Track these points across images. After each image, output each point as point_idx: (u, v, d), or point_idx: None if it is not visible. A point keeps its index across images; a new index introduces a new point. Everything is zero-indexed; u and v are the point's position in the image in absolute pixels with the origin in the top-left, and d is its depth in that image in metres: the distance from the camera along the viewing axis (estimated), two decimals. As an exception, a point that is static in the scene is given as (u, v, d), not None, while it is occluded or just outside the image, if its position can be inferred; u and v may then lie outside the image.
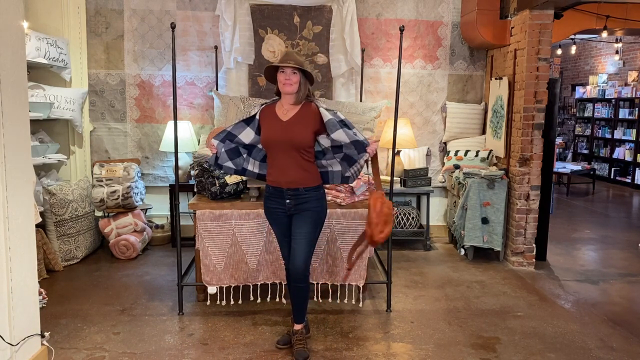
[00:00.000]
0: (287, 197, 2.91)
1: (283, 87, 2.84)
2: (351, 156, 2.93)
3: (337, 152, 2.94)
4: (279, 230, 3.04)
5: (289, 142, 2.84)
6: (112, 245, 4.80)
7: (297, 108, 2.89)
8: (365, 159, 2.93)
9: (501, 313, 3.70)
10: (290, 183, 2.89)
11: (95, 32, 5.14)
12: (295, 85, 2.83)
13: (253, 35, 5.16)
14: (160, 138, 5.24)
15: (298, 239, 2.93)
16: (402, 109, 5.39)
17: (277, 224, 3.03)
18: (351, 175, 2.99)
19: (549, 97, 4.67)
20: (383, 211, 2.88)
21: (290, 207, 2.92)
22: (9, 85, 2.46)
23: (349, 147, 2.88)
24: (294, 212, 2.94)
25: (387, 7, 5.36)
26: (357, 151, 2.91)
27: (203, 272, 3.62)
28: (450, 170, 5.37)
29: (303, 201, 2.91)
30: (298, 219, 2.94)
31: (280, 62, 2.82)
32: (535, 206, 4.73)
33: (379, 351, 3.10)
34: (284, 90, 2.84)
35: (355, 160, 2.93)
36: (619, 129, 10.46)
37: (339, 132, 2.85)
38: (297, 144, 2.85)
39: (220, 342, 3.17)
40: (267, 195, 3.00)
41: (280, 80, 2.84)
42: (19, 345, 2.60)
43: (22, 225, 2.61)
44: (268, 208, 3.03)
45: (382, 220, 2.88)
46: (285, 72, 2.81)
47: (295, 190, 2.90)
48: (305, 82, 2.87)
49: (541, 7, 4.46)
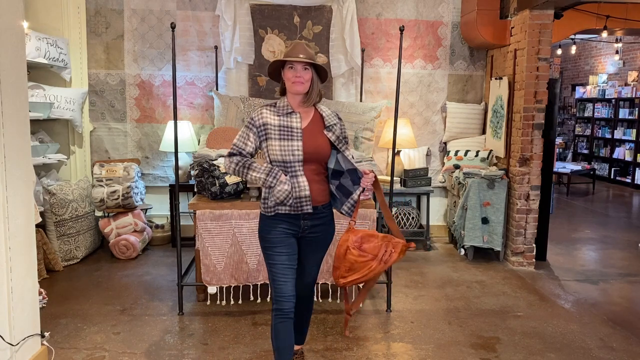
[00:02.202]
0: (303, 217, 2.43)
1: (293, 86, 2.37)
2: (346, 187, 2.47)
3: (334, 178, 2.49)
4: (284, 255, 2.44)
5: (312, 154, 2.38)
6: (112, 245, 4.80)
7: (310, 111, 2.46)
8: (359, 194, 2.44)
9: (501, 313, 3.70)
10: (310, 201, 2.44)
11: (95, 32, 5.14)
12: (307, 83, 2.37)
13: (253, 35, 5.16)
14: (160, 138, 5.24)
15: (311, 264, 2.57)
16: (402, 109, 5.39)
17: (284, 247, 2.45)
18: (345, 212, 2.49)
19: (549, 97, 4.67)
20: (347, 257, 2.41)
21: (305, 228, 2.46)
22: (9, 85, 2.46)
23: (345, 176, 2.45)
24: (307, 235, 2.48)
25: (387, 7, 5.36)
26: (352, 182, 2.44)
27: (203, 272, 3.62)
28: (450, 170, 5.37)
29: (320, 221, 2.48)
30: (312, 243, 2.51)
31: (289, 55, 2.37)
32: (535, 206, 4.73)
33: (379, 351, 3.10)
34: (294, 90, 2.38)
35: (350, 193, 2.45)
36: (619, 129, 10.46)
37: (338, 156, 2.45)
38: (321, 155, 2.41)
39: (220, 342, 3.17)
40: (275, 216, 2.43)
41: (289, 78, 2.37)
42: (19, 345, 2.60)
43: (22, 225, 2.61)
44: (272, 229, 2.44)
45: (343, 265, 2.42)
46: (295, 68, 2.35)
47: (314, 209, 2.43)
48: (317, 80, 2.43)
49: (541, 7, 4.46)
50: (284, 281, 2.41)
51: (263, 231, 2.48)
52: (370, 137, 5.08)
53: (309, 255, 2.54)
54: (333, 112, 2.51)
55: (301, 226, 2.45)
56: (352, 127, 4.93)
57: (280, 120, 2.39)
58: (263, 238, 2.48)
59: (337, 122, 2.47)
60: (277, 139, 2.36)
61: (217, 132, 4.58)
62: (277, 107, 2.43)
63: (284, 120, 2.39)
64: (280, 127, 2.38)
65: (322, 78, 2.46)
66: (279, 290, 2.41)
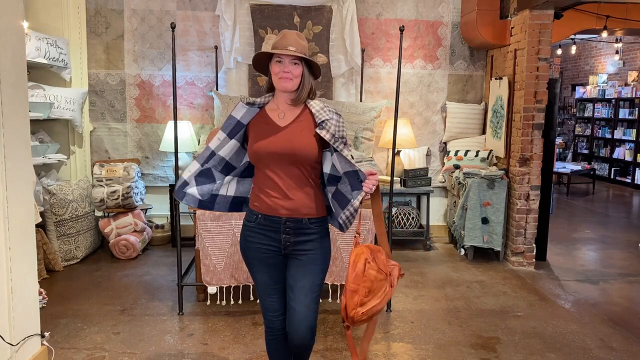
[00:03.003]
0: (284, 231, 2.09)
1: (279, 82, 2.07)
2: (344, 194, 2.09)
3: (330, 185, 2.15)
4: (266, 275, 2.15)
5: (290, 156, 2.06)
6: (112, 245, 4.80)
7: (297, 110, 2.14)
8: (361, 200, 2.04)
9: (501, 313, 3.70)
10: (291, 211, 2.08)
11: (95, 32, 5.14)
12: (296, 79, 2.07)
13: (253, 35, 5.16)
14: (160, 138, 5.24)
15: (301, 295, 2.09)
16: (402, 109, 5.39)
17: (264, 266, 2.14)
18: (343, 223, 2.10)
19: (549, 97, 4.67)
20: (367, 274, 2.00)
21: (287, 244, 2.10)
22: (9, 85, 2.46)
23: (342, 181, 2.09)
24: (290, 253, 2.13)
25: (387, 7, 5.36)
26: (350, 187, 2.06)
27: (203, 272, 3.61)
28: (450, 170, 5.37)
29: (305, 238, 2.11)
30: (299, 265, 2.12)
31: (276, 47, 2.06)
32: (535, 206, 4.73)
33: (379, 351, 3.10)
34: (281, 87, 2.08)
35: (348, 201, 2.07)
36: (619, 129, 10.46)
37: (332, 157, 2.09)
38: (302, 158, 2.06)
39: (220, 342, 3.17)
40: (251, 226, 2.14)
41: (275, 72, 2.07)
42: (19, 345, 2.60)
43: (22, 225, 2.61)
44: (250, 244, 2.15)
45: (363, 286, 2.00)
46: (283, 62, 2.04)
47: (297, 222, 2.09)
48: (309, 76, 2.11)
49: (541, 7, 4.46)
50: (270, 301, 2.18)
51: (242, 243, 2.20)
52: (370, 137, 5.08)
53: (297, 282, 2.10)
54: (327, 107, 2.14)
55: (282, 241, 2.10)
56: (352, 127, 4.94)
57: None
58: (242, 252, 2.21)
59: (331, 117, 2.08)
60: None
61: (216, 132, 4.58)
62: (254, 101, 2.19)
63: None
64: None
65: (316, 74, 2.14)
66: (265, 308, 2.20)
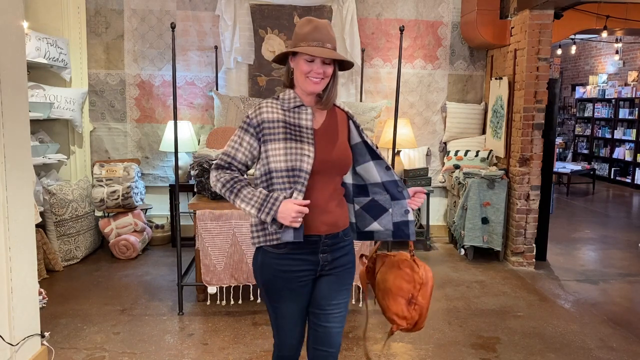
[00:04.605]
0: (322, 250, 1.83)
1: (307, 82, 1.77)
2: (382, 204, 1.94)
3: (361, 196, 1.97)
4: (295, 307, 1.86)
5: (334, 164, 1.82)
6: (112, 245, 4.80)
7: (323, 111, 1.89)
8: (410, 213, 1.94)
9: (501, 313, 3.70)
10: (331, 226, 1.83)
11: (95, 32, 5.14)
12: (326, 79, 1.80)
13: (253, 35, 5.16)
14: (160, 138, 5.24)
15: (335, 311, 1.88)
16: (402, 109, 5.39)
17: (297, 296, 1.85)
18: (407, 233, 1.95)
19: (549, 97, 4.67)
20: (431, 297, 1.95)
21: (324, 264, 1.85)
22: (9, 85, 2.46)
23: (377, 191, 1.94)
24: (326, 273, 1.87)
25: (387, 7, 5.35)
26: (390, 196, 1.93)
27: (203, 272, 3.61)
28: (450, 170, 5.37)
29: (342, 253, 1.89)
30: (332, 282, 1.88)
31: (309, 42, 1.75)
32: (535, 206, 4.73)
33: (379, 351, 3.10)
34: (310, 89, 1.78)
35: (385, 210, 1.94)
36: (619, 129, 10.46)
37: (368, 165, 1.92)
38: (344, 167, 1.86)
39: (220, 342, 3.17)
40: (281, 252, 1.81)
41: (304, 71, 1.76)
42: (19, 345, 2.60)
43: (22, 225, 2.61)
44: (280, 273, 1.82)
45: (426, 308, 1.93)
46: (315, 60, 1.76)
47: (335, 237, 1.85)
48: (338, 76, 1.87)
49: (541, 7, 4.46)
50: (291, 335, 1.89)
51: (264, 273, 1.84)
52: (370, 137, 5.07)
53: (332, 300, 1.87)
54: None
55: (319, 262, 1.83)
56: (352, 127, 4.93)
57: (286, 115, 1.80)
58: (264, 283, 1.85)
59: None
60: (282, 140, 1.76)
61: (217, 132, 4.59)
62: (280, 100, 1.83)
63: (290, 116, 1.80)
64: (285, 124, 1.78)
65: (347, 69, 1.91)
66: (283, 341, 1.92)
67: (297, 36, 1.79)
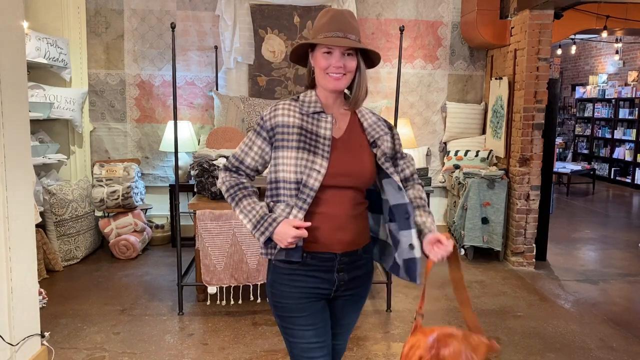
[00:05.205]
0: (338, 269, 1.65)
1: (327, 79, 1.59)
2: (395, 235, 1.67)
3: None
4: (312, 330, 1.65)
5: (351, 178, 1.62)
6: (112, 245, 4.80)
7: (347, 115, 1.69)
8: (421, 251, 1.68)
9: (501, 313, 3.70)
10: (347, 244, 1.64)
11: (95, 32, 5.14)
12: (349, 75, 1.60)
13: (253, 35, 5.16)
14: (160, 138, 5.24)
15: (343, 331, 1.79)
16: (402, 109, 5.39)
17: (312, 318, 1.65)
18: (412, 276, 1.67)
19: (549, 97, 4.67)
20: None
21: (340, 284, 1.67)
22: (9, 85, 2.46)
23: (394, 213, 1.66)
24: (341, 294, 1.71)
25: (387, 7, 5.36)
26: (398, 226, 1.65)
27: (203, 272, 3.61)
28: (450, 170, 5.37)
29: (360, 272, 1.71)
30: (345, 304, 1.74)
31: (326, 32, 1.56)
32: (535, 206, 4.73)
33: (379, 351, 3.10)
34: (330, 86, 1.60)
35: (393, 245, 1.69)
36: (619, 129, 10.46)
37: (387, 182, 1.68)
38: (364, 181, 1.65)
39: (220, 342, 3.17)
40: (292, 268, 1.64)
41: (322, 67, 1.58)
42: (19, 345, 2.60)
43: (22, 225, 2.61)
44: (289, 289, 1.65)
45: None
46: (333, 54, 1.57)
47: (352, 255, 1.67)
48: (364, 69, 1.63)
49: (541, 7, 4.46)
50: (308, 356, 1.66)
51: (275, 291, 1.67)
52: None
53: (343, 320, 1.77)
54: (379, 118, 1.73)
55: (335, 282, 1.66)
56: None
57: (304, 120, 1.62)
58: (275, 301, 1.68)
59: (386, 133, 1.70)
60: (294, 149, 1.58)
61: (217, 132, 4.59)
62: (300, 102, 1.65)
63: (308, 122, 1.62)
64: (300, 131, 1.60)
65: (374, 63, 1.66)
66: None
67: (315, 28, 1.60)
